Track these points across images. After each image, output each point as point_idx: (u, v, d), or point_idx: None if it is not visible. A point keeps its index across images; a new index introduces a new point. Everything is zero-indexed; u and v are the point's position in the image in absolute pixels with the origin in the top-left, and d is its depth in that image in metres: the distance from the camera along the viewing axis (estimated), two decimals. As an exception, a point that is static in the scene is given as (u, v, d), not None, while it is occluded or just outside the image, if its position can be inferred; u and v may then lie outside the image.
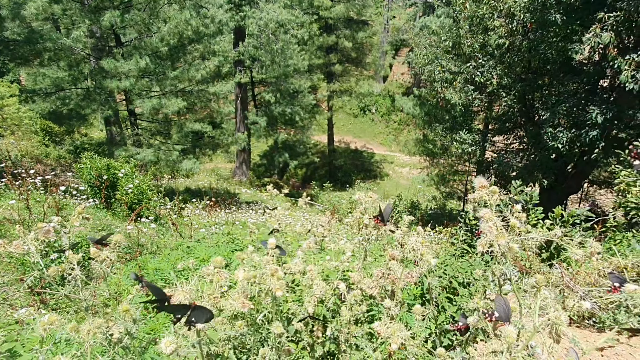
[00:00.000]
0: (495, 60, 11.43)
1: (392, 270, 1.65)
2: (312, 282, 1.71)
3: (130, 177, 6.43)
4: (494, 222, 1.39)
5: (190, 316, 1.27)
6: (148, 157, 13.81)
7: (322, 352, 1.98)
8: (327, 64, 26.40)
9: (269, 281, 1.33)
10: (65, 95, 14.39)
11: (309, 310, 1.72)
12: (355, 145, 33.23)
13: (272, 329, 1.42)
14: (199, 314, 1.27)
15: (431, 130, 16.33)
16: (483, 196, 1.50)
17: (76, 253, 1.56)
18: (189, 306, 1.26)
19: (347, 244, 2.13)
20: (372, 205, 2.02)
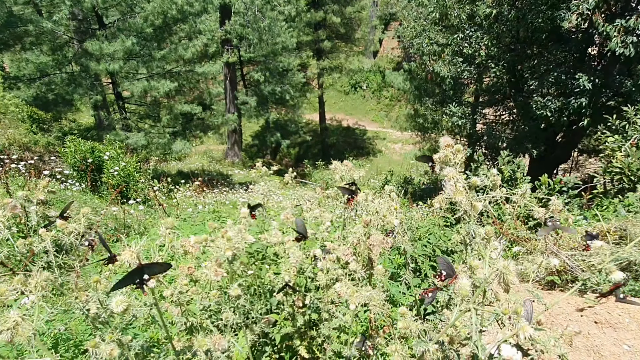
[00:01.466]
0: (484, 30, 11.34)
1: (366, 236, 1.67)
2: (289, 251, 1.73)
3: (116, 159, 6.39)
4: (456, 180, 1.41)
5: (141, 275, 1.24)
6: (140, 141, 13.71)
7: (302, 321, 2.02)
8: (315, 40, 26.09)
9: (219, 242, 1.35)
10: (50, 80, 14.17)
11: (286, 279, 1.75)
12: (347, 122, 33.10)
13: (230, 292, 1.45)
14: (152, 269, 1.25)
15: (421, 105, 16.29)
16: (448, 155, 1.51)
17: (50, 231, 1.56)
18: (136, 270, 1.23)
19: (325, 213, 2.15)
20: (348, 174, 2.03)
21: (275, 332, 2.14)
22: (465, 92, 14.90)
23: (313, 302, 1.93)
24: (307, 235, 1.91)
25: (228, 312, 1.44)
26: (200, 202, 6.54)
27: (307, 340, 2.09)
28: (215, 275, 1.36)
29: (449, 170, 1.43)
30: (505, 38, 11.60)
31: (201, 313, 1.61)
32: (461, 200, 1.37)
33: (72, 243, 1.57)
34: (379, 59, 37.97)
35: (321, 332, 1.90)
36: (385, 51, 38.50)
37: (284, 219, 1.94)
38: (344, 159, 5.14)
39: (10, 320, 1.15)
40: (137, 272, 1.24)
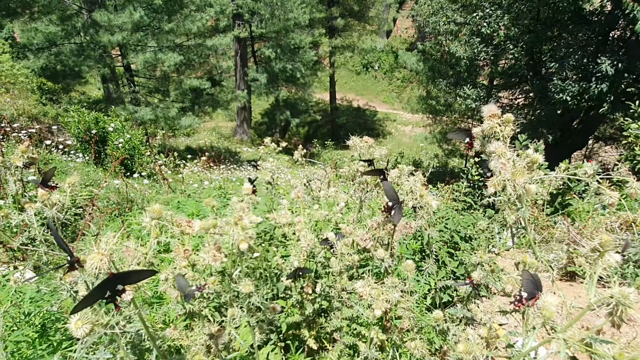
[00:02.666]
0: (503, 10, 10.93)
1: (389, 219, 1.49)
2: (299, 234, 1.56)
3: (121, 131, 6.23)
4: (508, 158, 1.20)
5: (113, 286, 0.93)
6: (147, 115, 13.53)
7: (312, 309, 1.86)
8: (328, 17, 25.56)
9: (232, 232, 1.15)
10: (59, 50, 13.99)
11: (295, 264, 1.58)
12: (357, 103, 32.67)
13: (240, 288, 1.27)
14: (128, 278, 0.95)
15: (435, 86, 15.94)
16: (494, 127, 1.29)
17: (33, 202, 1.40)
18: (107, 281, 0.93)
19: (341, 193, 1.97)
20: (367, 151, 1.84)
21: (281, 320, 1.99)
22: (480, 74, 14.53)
23: (324, 290, 1.77)
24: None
25: (235, 309, 1.28)
26: (206, 177, 6.38)
27: (315, 330, 1.94)
28: (214, 260, 1.19)
29: (497, 146, 1.22)
30: (525, 18, 11.20)
31: (199, 301, 1.45)
32: (517, 182, 1.17)
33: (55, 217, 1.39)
34: (392, 38, 37.24)
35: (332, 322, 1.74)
36: (399, 31, 37.75)
37: (294, 197, 1.76)
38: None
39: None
40: (107, 283, 0.93)
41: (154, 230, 1.00)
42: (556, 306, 0.99)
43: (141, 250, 1.01)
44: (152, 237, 1.01)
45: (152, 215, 1.05)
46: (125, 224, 3.12)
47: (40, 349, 1.72)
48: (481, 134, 1.34)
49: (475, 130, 1.35)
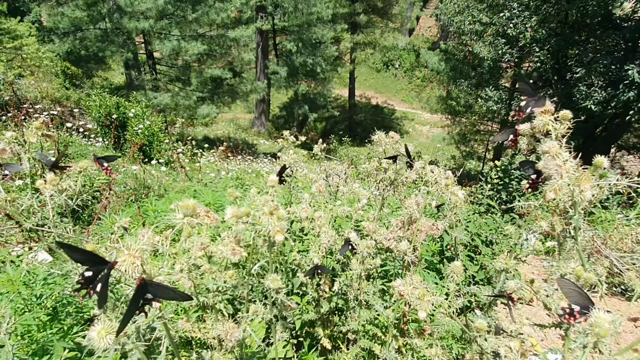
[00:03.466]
0: (531, 11, 10.70)
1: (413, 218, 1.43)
2: (320, 229, 1.50)
3: (141, 117, 6.24)
4: (565, 159, 1.11)
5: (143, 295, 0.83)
6: (165, 100, 13.61)
7: (328, 308, 1.81)
8: (351, 13, 25.37)
9: (266, 222, 1.09)
10: (84, 35, 14.14)
11: (315, 261, 1.53)
12: (376, 100, 32.47)
13: (267, 283, 1.22)
14: (162, 292, 0.84)
15: (456, 87, 15.72)
16: (547, 123, 1.20)
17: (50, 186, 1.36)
18: (139, 290, 0.83)
19: (363, 189, 1.91)
20: (392, 147, 1.78)
21: (295, 317, 1.94)
22: (502, 76, 14.29)
23: (341, 289, 1.71)
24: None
25: (258, 305, 1.23)
26: (223, 168, 6.37)
27: (330, 329, 1.89)
28: (232, 254, 1.15)
29: (551, 146, 1.13)
30: (552, 21, 10.95)
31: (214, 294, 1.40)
32: (581, 188, 1.09)
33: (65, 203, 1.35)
34: (415, 37, 36.89)
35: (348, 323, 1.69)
36: (422, 30, 37.38)
37: (315, 191, 1.71)
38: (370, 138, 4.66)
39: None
40: (141, 291, 0.84)
41: (186, 229, 0.92)
42: (609, 323, 0.91)
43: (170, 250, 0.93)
44: (184, 236, 0.93)
45: (185, 211, 0.93)
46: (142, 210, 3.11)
47: (50, 332, 1.70)
48: (529, 131, 1.25)
49: (523, 127, 1.26)
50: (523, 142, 1.28)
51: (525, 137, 1.27)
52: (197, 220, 0.90)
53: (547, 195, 1.12)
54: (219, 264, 1.34)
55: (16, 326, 1.56)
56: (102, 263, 0.83)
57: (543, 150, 1.13)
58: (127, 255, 0.81)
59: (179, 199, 3.47)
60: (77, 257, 0.84)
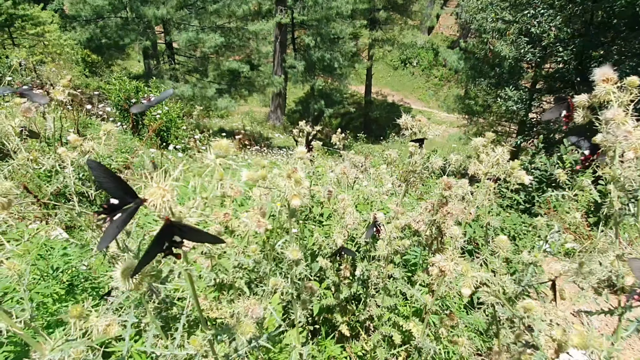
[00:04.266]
0: (556, 10, 10.48)
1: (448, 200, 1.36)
2: (345, 210, 1.45)
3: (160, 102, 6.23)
4: (636, 126, 1.02)
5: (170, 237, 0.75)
6: (187, 92, 13.67)
7: (348, 293, 1.75)
8: (371, 9, 25.19)
9: (283, 185, 1.02)
10: (105, 23, 14.26)
11: (338, 242, 1.47)
12: (392, 98, 32.24)
13: (287, 254, 1.16)
14: (190, 234, 0.76)
15: (475, 86, 15.50)
16: (609, 91, 1.12)
17: (71, 150, 1.33)
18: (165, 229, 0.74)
19: (386, 174, 1.85)
20: (419, 131, 1.71)
21: (314, 302, 1.89)
22: (523, 76, 14.06)
23: (363, 274, 1.66)
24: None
25: (278, 279, 1.18)
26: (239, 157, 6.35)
27: (348, 316, 1.83)
28: (257, 226, 1.10)
29: (616, 112, 1.05)
30: (577, 21, 10.72)
31: (234, 271, 1.36)
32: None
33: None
34: (434, 35, 36.54)
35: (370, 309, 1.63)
36: (441, 28, 37.01)
37: (340, 172, 1.65)
38: (385, 135, 4.63)
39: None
40: (166, 232, 0.75)
41: (218, 171, 0.85)
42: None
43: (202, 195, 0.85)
44: (216, 178, 0.86)
45: (218, 151, 0.85)
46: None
47: (65, 305, 1.68)
48: (586, 102, 1.17)
49: (579, 99, 1.18)
50: (578, 115, 1.20)
51: (581, 109, 1.20)
52: (231, 162, 0.83)
53: (627, 154, 1.03)
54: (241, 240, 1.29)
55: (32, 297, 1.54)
56: (132, 196, 0.76)
57: (606, 117, 1.05)
58: (156, 188, 0.73)
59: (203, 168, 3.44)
60: (107, 183, 0.76)
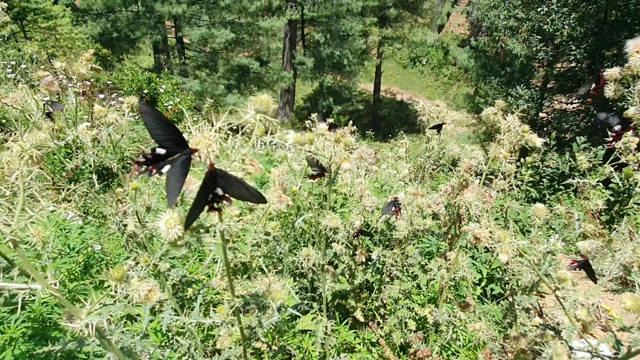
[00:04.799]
0: (569, 8, 10.38)
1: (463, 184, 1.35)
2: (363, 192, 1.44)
3: (171, 94, 6.27)
4: None
5: (213, 188, 0.72)
6: (194, 87, 13.72)
7: (363, 278, 1.74)
8: (381, 6, 25.08)
9: (332, 149, 1.01)
10: (116, 17, 14.32)
11: (356, 224, 1.46)
12: (401, 96, 32.12)
13: (325, 222, 1.14)
14: (228, 182, 0.72)
15: (486, 84, 15.42)
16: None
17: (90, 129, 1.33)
18: (209, 177, 0.70)
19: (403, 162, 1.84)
20: (437, 117, 1.70)
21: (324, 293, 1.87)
22: (534, 75, 13.95)
23: (379, 260, 1.65)
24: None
25: (310, 249, 1.16)
26: (249, 150, 6.33)
27: (363, 302, 1.83)
28: (279, 202, 1.09)
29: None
30: (590, 20, 10.61)
31: (252, 249, 1.35)
32: None
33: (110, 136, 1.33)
34: (444, 34, 36.34)
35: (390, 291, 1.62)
36: (452, 27, 36.81)
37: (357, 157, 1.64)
38: (394, 133, 4.63)
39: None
40: (211, 181, 0.72)
41: (259, 127, 0.83)
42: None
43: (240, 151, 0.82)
44: (256, 134, 0.84)
45: (259, 107, 0.83)
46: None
47: (82, 283, 1.69)
48: (618, 75, 1.15)
49: (611, 71, 1.16)
50: (609, 89, 1.18)
51: (612, 82, 1.18)
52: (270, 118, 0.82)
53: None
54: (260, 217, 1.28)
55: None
56: (183, 147, 0.72)
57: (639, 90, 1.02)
58: (202, 138, 0.70)
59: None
60: (157, 129, 0.71)
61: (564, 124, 11.70)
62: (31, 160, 0.77)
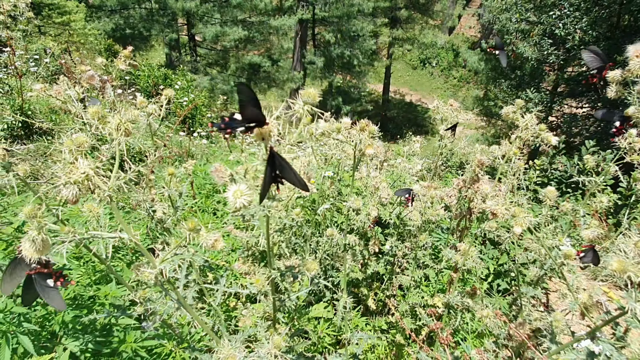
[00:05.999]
0: (581, 12, 10.38)
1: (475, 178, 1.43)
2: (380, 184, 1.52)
3: (186, 90, 6.40)
4: None
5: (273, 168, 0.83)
6: (204, 83, 13.87)
7: (376, 267, 1.83)
8: (392, 7, 25.11)
9: (357, 136, 1.11)
10: (129, 14, 14.50)
11: (373, 214, 1.55)
12: (410, 98, 32.12)
13: (349, 203, 1.23)
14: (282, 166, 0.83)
15: (495, 87, 15.42)
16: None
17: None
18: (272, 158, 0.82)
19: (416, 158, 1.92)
20: (451, 116, 1.78)
21: (342, 276, 1.96)
22: (544, 79, 13.93)
23: (392, 249, 1.73)
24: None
25: (333, 229, 1.26)
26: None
27: (374, 291, 1.91)
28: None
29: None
30: (603, 25, 10.59)
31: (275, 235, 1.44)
32: None
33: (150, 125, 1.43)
34: (454, 36, 36.28)
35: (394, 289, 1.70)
36: (462, 29, 36.74)
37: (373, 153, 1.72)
38: (402, 135, 4.78)
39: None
40: (272, 159, 0.83)
41: (306, 117, 0.94)
42: None
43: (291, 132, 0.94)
44: (304, 123, 0.95)
45: (307, 99, 0.92)
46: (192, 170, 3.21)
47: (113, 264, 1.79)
48: (619, 77, 1.23)
49: (613, 74, 1.24)
50: (611, 90, 1.26)
51: (614, 84, 1.25)
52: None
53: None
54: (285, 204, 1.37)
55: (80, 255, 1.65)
56: (261, 121, 0.85)
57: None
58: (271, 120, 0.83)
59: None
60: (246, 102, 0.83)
61: (573, 128, 11.70)
62: (126, 132, 0.91)
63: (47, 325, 1.43)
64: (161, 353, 1.55)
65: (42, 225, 0.81)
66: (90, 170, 0.82)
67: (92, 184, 0.83)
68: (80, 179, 0.80)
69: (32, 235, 0.80)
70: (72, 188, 0.80)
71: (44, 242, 0.82)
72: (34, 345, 1.26)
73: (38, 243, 0.81)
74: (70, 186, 0.80)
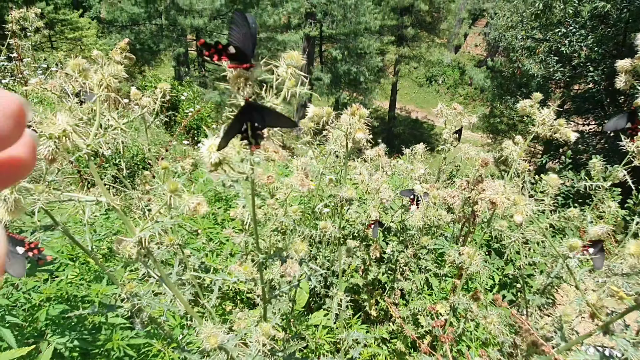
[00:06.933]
0: (587, 30, 10.40)
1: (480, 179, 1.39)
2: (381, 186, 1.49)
3: (192, 101, 6.44)
4: None
5: (249, 118, 0.79)
6: (214, 98, 13.98)
7: (377, 273, 1.78)
8: (399, 26, 25.38)
9: (347, 120, 1.08)
10: (140, 30, 14.74)
11: (373, 215, 1.51)
12: (416, 115, 32.21)
13: (341, 194, 1.19)
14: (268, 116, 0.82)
15: (501, 103, 15.44)
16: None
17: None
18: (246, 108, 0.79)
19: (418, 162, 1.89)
20: (455, 119, 1.75)
21: (342, 282, 1.92)
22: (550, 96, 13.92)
23: (393, 254, 1.69)
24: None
25: (327, 222, 1.22)
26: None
27: (375, 298, 1.86)
28: (301, 185, 1.15)
29: None
30: (609, 42, 10.59)
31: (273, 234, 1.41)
32: None
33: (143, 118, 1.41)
34: (461, 54, 36.51)
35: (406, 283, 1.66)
36: (468, 47, 36.98)
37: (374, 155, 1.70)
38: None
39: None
40: (246, 112, 0.79)
41: (290, 80, 0.91)
42: None
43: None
44: (287, 87, 0.93)
45: (290, 61, 0.85)
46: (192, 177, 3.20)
47: (107, 265, 1.76)
48: (629, 66, 1.19)
49: (622, 63, 1.21)
50: (620, 81, 1.22)
51: (623, 74, 1.22)
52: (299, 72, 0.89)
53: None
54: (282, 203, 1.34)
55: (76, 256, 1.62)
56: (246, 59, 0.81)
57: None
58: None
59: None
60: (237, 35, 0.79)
61: (580, 145, 11.63)
62: (108, 88, 0.88)
63: (32, 321, 1.39)
64: (149, 353, 1.51)
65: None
66: (68, 127, 0.78)
67: (70, 141, 0.79)
68: (58, 135, 0.76)
69: (4, 195, 0.76)
70: (48, 144, 0.75)
71: (17, 202, 0.78)
72: (18, 340, 1.22)
73: (10, 203, 0.76)
74: (46, 141, 0.75)
